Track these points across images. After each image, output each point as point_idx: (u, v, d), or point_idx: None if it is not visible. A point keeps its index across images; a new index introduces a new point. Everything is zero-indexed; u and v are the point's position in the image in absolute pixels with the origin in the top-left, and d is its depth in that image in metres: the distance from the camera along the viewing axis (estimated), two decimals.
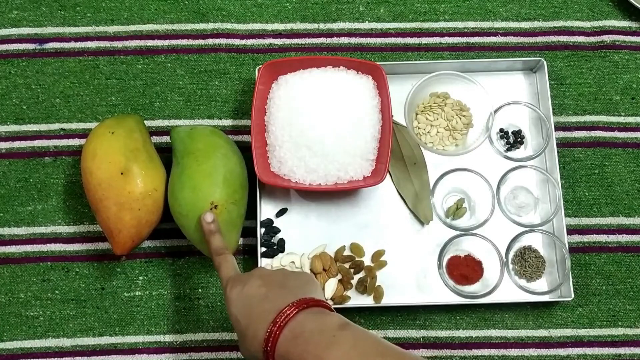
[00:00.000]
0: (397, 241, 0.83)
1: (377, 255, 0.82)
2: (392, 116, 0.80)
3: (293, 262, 0.81)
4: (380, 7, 0.92)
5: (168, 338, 0.81)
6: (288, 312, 0.58)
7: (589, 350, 0.81)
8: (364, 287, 0.80)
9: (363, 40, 0.91)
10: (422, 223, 0.83)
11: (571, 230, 0.84)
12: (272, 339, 0.57)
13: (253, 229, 0.82)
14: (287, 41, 0.91)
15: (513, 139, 0.86)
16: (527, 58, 0.87)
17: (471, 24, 0.92)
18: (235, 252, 0.79)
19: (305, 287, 0.63)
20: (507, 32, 0.91)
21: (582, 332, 0.82)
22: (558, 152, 0.84)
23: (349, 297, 0.80)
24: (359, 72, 0.82)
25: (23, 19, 0.91)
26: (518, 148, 0.86)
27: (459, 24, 0.92)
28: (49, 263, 0.83)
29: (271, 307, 0.59)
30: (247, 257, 0.83)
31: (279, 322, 0.58)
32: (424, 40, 0.91)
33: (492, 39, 0.91)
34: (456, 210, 0.83)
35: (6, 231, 0.84)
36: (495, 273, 0.80)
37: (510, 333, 0.82)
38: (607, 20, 0.92)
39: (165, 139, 0.86)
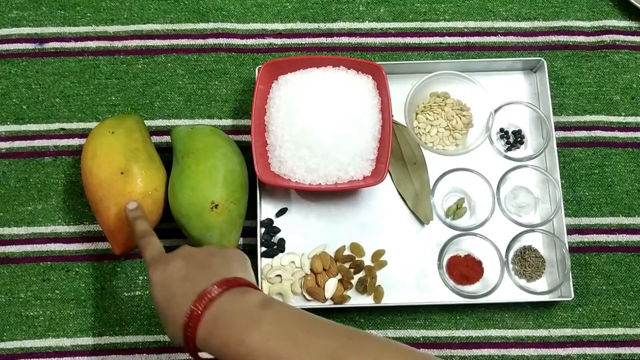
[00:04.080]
0: (397, 241, 0.83)
1: (377, 255, 0.82)
2: (392, 116, 0.80)
3: (293, 262, 0.81)
4: (380, 7, 0.92)
5: (168, 338, 0.81)
6: (209, 294, 0.55)
7: (589, 350, 0.81)
8: (364, 287, 0.80)
9: (363, 40, 0.91)
10: (422, 223, 0.83)
11: (571, 230, 0.84)
12: (192, 323, 0.54)
13: (253, 229, 0.82)
14: (287, 41, 0.91)
15: (513, 139, 0.86)
16: (527, 58, 0.87)
17: (471, 24, 0.92)
18: None
19: (230, 264, 0.59)
20: (507, 32, 0.91)
21: (582, 332, 0.82)
22: (558, 152, 0.84)
23: (349, 297, 0.80)
24: (359, 72, 0.82)
25: (23, 18, 0.91)
26: (518, 148, 0.86)
27: (459, 24, 0.92)
28: (49, 263, 0.83)
29: (192, 289, 0.56)
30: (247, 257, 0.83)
31: (199, 306, 0.54)
32: (424, 40, 0.91)
33: (492, 38, 0.91)
34: (456, 210, 0.83)
35: (6, 231, 0.84)
36: (495, 273, 0.80)
37: (510, 333, 0.82)
38: (607, 20, 0.92)
39: (165, 139, 0.86)
